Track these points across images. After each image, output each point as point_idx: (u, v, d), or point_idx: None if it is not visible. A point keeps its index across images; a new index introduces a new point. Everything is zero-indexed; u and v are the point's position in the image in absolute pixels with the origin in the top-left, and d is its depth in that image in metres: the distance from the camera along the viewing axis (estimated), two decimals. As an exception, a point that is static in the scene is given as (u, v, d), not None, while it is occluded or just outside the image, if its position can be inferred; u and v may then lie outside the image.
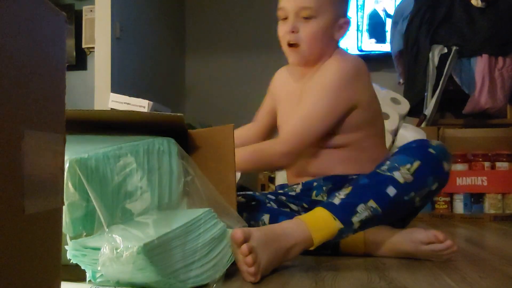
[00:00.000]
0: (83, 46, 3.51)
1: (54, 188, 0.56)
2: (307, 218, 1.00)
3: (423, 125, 2.58)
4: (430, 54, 2.66)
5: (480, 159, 2.28)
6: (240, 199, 1.25)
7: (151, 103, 1.86)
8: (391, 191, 1.04)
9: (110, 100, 1.86)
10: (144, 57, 3.25)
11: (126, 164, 0.89)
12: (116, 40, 2.83)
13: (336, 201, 1.04)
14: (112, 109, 1.79)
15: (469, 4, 2.62)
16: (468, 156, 2.31)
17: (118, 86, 2.75)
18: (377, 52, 3.52)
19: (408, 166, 1.07)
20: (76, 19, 3.57)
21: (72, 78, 3.41)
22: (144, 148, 0.94)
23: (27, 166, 0.48)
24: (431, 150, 1.11)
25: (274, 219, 1.19)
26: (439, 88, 2.61)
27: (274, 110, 1.48)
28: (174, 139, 1.02)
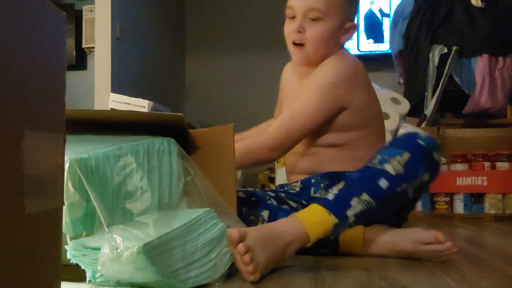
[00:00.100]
0: (83, 46, 3.51)
1: (54, 188, 0.56)
2: (302, 215, 1.01)
3: (423, 125, 2.58)
4: (430, 54, 2.65)
5: (480, 159, 2.28)
6: (241, 195, 1.25)
7: (151, 103, 1.86)
8: (383, 183, 1.05)
9: (110, 100, 1.86)
10: (144, 57, 3.25)
11: (126, 164, 0.89)
12: (116, 40, 2.83)
13: (330, 196, 1.04)
14: (112, 109, 1.79)
15: (469, 4, 2.62)
16: (468, 156, 2.31)
17: (118, 86, 2.75)
18: (376, 52, 3.53)
19: (399, 158, 1.07)
20: (76, 19, 3.57)
21: (72, 78, 3.41)
22: (144, 148, 0.94)
23: (27, 166, 0.48)
24: (420, 141, 1.11)
25: (274, 215, 1.20)
26: (439, 88, 2.60)
27: None
28: (174, 139, 1.02)
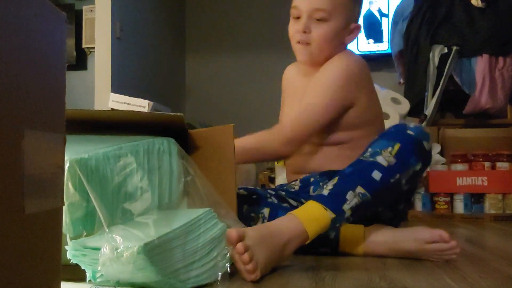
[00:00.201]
0: (83, 46, 3.51)
1: (54, 188, 0.56)
2: (299, 213, 1.01)
3: (424, 125, 2.58)
4: (431, 54, 2.65)
5: (481, 159, 2.28)
6: (242, 192, 1.25)
7: (151, 103, 1.86)
8: (376, 175, 1.05)
9: (110, 100, 1.86)
10: (144, 57, 3.25)
11: (126, 164, 0.89)
12: (116, 40, 2.82)
13: (325, 192, 1.05)
14: (112, 109, 1.80)
15: (469, 4, 2.62)
16: (469, 156, 2.31)
17: (118, 86, 2.75)
18: (376, 52, 3.53)
19: (389, 149, 1.08)
20: (76, 19, 3.57)
21: (72, 78, 3.41)
22: (144, 148, 0.94)
23: (27, 166, 0.48)
24: (409, 131, 1.12)
25: (274, 213, 1.20)
26: (439, 88, 2.60)
27: None
28: (174, 139, 1.02)
